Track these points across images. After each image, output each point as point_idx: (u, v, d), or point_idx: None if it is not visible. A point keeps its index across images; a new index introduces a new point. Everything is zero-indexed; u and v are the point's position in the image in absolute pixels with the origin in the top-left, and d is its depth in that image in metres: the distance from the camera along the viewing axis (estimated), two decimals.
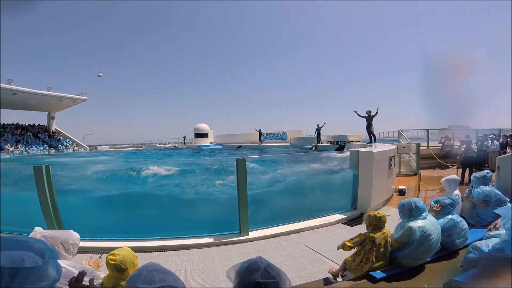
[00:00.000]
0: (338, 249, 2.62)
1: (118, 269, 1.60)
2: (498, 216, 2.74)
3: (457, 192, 3.56)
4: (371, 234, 2.46)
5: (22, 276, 0.79)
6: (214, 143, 29.98)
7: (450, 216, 2.82)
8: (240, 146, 23.32)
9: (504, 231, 2.15)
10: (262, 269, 1.05)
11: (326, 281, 2.61)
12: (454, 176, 3.75)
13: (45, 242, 0.98)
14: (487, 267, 1.96)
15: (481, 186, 3.57)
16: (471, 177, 3.96)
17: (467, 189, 3.89)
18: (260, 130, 24.74)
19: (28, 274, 0.81)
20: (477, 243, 2.22)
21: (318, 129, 17.65)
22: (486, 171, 3.75)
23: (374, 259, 2.42)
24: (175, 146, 29.67)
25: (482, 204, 3.46)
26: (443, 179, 3.74)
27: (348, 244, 2.51)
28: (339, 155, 7.13)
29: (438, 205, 2.92)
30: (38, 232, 1.73)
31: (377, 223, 2.49)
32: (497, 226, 2.68)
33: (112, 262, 1.60)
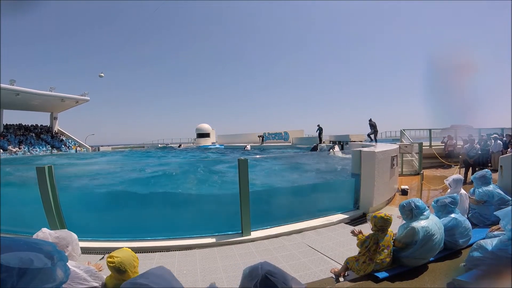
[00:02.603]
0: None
1: (117, 270, 1.61)
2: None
3: (462, 191, 3.52)
4: (374, 236, 2.45)
5: (29, 276, 0.80)
6: (216, 143, 30.01)
7: (453, 215, 2.81)
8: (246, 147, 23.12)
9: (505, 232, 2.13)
10: (261, 276, 1.00)
11: (329, 281, 2.60)
12: (459, 176, 3.71)
13: (54, 244, 0.99)
14: (491, 267, 1.95)
15: (483, 186, 3.55)
16: (471, 177, 3.94)
17: (471, 189, 3.87)
18: (262, 136, 25.30)
19: (35, 275, 0.82)
20: (482, 242, 2.20)
21: (319, 129, 17.64)
22: (485, 170, 3.72)
23: (377, 260, 2.41)
24: (179, 146, 29.65)
25: (475, 203, 3.46)
26: (450, 178, 3.65)
27: (358, 240, 2.56)
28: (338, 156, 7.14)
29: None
30: (47, 233, 1.73)
31: (383, 225, 2.46)
32: (500, 230, 2.64)
33: (111, 265, 1.61)
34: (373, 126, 11.72)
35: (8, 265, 0.77)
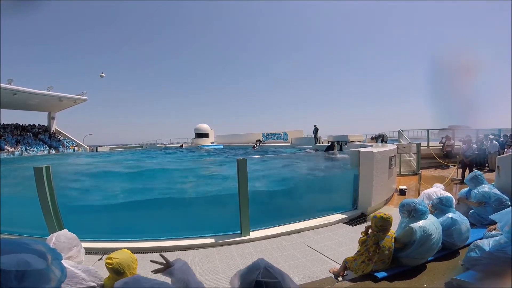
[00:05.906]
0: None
1: (115, 272, 1.61)
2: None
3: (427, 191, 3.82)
4: (375, 237, 2.45)
5: (29, 279, 0.79)
6: (215, 143, 29.96)
7: (451, 215, 2.82)
8: (255, 146, 22.91)
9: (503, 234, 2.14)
10: (262, 268, 1.04)
11: (328, 281, 2.61)
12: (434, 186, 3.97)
13: (46, 243, 0.97)
14: (488, 266, 1.96)
15: (479, 187, 3.55)
16: (465, 180, 3.97)
17: (464, 189, 3.85)
18: (259, 140, 25.69)
19: (35, 276, 0.80)
20: (479, 242, 2.21)
21: (316, 129, 17.69)
22: (475, 171, 3.79)
23: (377, 261, 2.41)
24: (181, 146, 29.51)
25: (476, 204, 3.47)
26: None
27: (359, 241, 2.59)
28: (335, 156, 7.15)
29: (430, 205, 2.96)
30: (55, 236, 1.76)
31: (383, 224, 2.45)
32: (497, 230, 2.65)
33: (109, 266, 1.62)
34: (380, 136, 14.96)
35: (5, 268, 0.74)
